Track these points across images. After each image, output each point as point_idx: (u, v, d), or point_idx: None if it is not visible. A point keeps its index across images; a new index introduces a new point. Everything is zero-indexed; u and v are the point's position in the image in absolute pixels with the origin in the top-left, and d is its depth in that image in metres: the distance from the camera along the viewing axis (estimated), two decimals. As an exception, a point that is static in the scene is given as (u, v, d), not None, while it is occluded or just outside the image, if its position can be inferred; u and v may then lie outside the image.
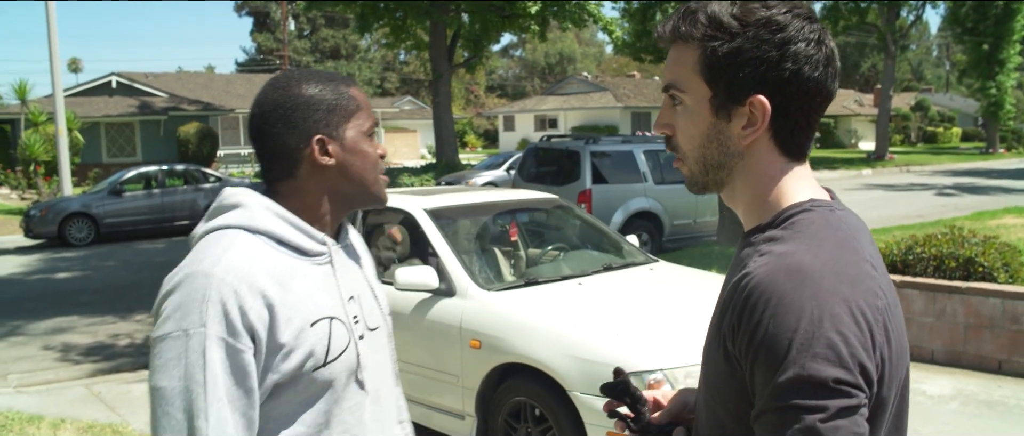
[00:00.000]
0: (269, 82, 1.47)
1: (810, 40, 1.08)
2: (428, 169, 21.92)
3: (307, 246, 1.38)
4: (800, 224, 1.07)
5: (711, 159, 1.14)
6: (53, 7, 13.25)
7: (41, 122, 20.08)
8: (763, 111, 1.08)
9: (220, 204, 1.39)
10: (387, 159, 29.05)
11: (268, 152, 1.42)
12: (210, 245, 1.31)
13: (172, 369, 1.22)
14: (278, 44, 55.87)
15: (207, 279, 1.24)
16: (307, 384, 1.32)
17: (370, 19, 21.87)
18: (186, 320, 1.23)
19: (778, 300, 0.97)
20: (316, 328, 1.33)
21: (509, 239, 5.40)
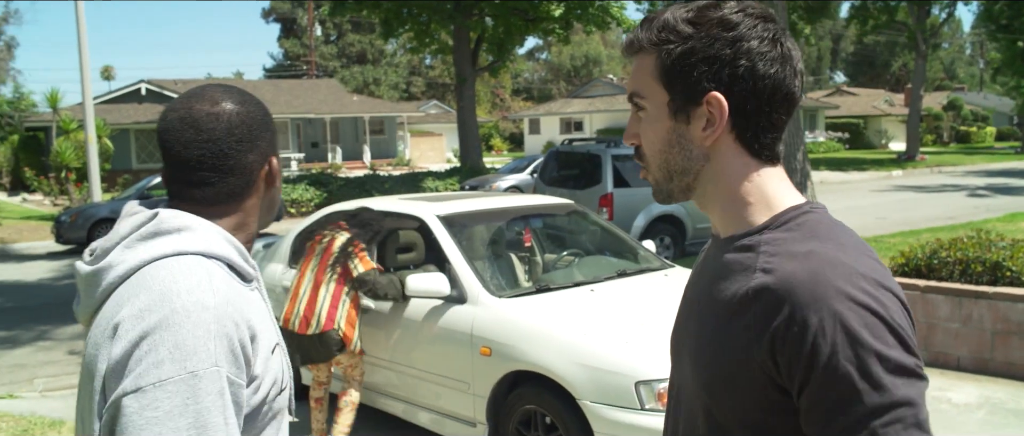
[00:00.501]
0: (203, 97, 1.29)
1: (764, 38, 1.09)
2: (452, 173, 21.95)
3: (248, 272, 1.29)
4: (808, 226, 1.08)
5: (674, 164, 1.14)
6: (83, 17, 13.48)
7: (72, 129, 20.41)
8: (720, 108, 1.09)
9: (159, 227, 1.22)
10: (412, 163, 29.22)
11: (224, 170, 1.28)
12: (184, 275, 1.16)
13: (177, 420, 1.06)
14: (305, 50, 56.37)
15: (209, 313, 1.12)
16: (265, 413, 1.24)
17: (394, 24, 21.98)
18: (193, 360, 1.08)
19: (829, 294, 0.97)
20: (275, 355, 1.27)
21: (524, 245, 5.38)
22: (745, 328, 1.03)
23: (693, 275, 1.25)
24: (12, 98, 30.81)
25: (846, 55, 75.66)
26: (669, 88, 1.12)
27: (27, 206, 22.65)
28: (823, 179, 26.08)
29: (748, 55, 1.08)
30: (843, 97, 52.03)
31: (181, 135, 1.26)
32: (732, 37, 1.08)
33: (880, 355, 0.95)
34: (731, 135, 1.11)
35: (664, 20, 1.12)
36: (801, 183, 9.58)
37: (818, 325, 0.96)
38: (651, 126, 1.15)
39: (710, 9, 1.10)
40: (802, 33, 23.81)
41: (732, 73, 1.08)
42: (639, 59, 1.16)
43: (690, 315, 1.19)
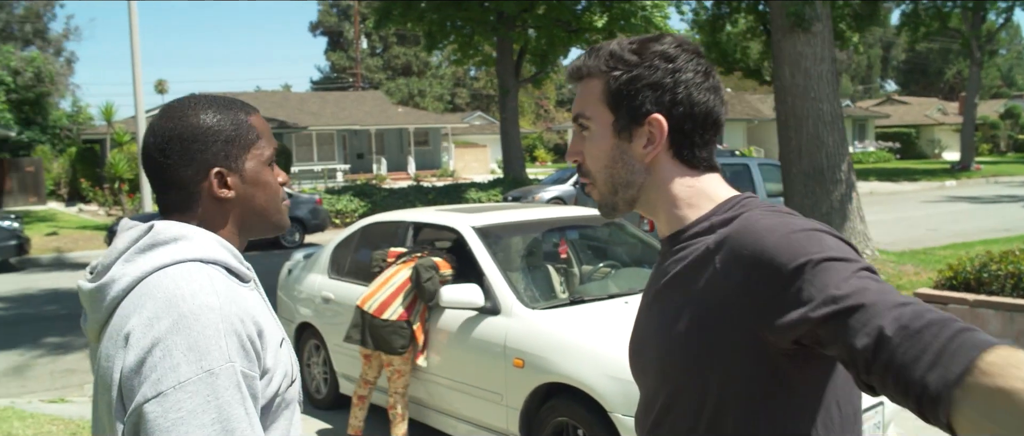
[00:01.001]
0: (164, 110, 1.37)
1: (698, 71, 1.25)
2: (495, 184, 22.03)
3: (244, 273, 1.34)
4: (749, 204, 1.23)
5: (618, 178, 1.28)
6: (137, 35, 13.88)
7: (125, 142, 21.00)
8: (660, 128, 1.24)
9: (155, 239, 1.26)
10: (456, 174, 29.35)
11: (163, 184, 1.34)
12: (186, 281, 1.20)
13: (201, 417, 1.11)
14: (351, 62, 57.17)
15: (216, 313, 1.17)
16: (278, 405, 1.29)
17: (438, 36, 22.19)
18: (208, 359, 1.13)
19: (783, 228, 1.11)
20: (283, 348, 1.32)
21: (560, 256, 5.36)
22: (711, 278, 1.15)
23: (650, 280, 1.34)
24: (71, 112, 31.79)
25: (897, 63, 74.06)
26: (615, 110, 1.26)
27: (83, 216, 23.32)
28: (872, 189, 25.56)
29: (686, 84, 1.23)
30: (894, 106, 50.97)
31: (143, 151, 1.37)
32: (672, 68, 1.23)
33: (831, 252, 1.06)
34: (669, 152, 1.26)
35: (611, 50, 1.27)
36: (846, 194, 9.39)
37: (775, 248, 1.08)
38: (595, 144, 1.29)
39: (652, 42, 1.26)
40: (850, 41, 23.33)
41: (672, 98, 1.23)
42: (585, 84, 1.30)
43: (650, 309, 1.30)
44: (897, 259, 9.63)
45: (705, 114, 1.25)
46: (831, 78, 9.42)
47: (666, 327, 1.22)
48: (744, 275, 1.11)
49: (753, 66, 25.95)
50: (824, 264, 1.04)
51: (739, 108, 41.08)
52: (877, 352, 0.96)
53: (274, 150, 1.41)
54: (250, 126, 1.37)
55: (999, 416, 0.83)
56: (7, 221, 14.77)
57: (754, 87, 40.28)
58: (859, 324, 0.98)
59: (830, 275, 1.03)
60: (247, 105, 1.42)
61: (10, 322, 9.78)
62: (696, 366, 1.17)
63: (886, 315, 0.96)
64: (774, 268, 1.07)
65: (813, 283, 1.03)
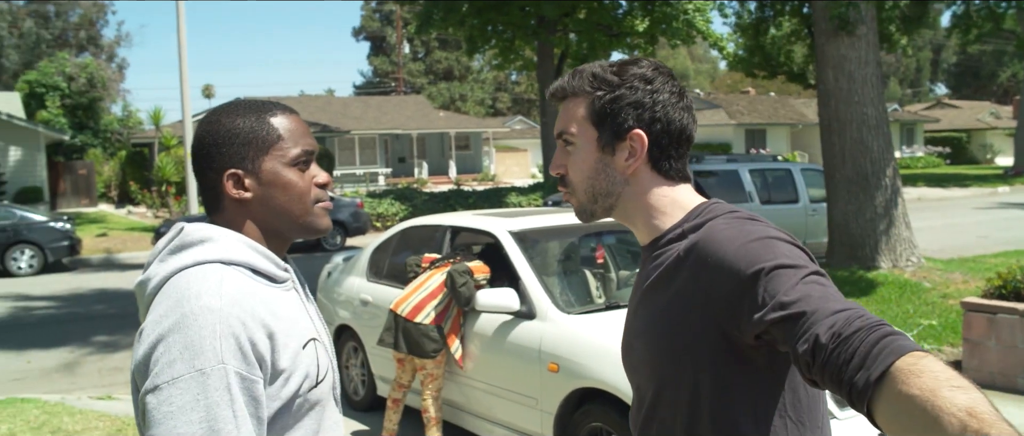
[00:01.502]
0: (204, 115, 1.43)
1: (673, 92, 1.38)
2: (536, 188, 22.04)
3: (276, 274, 1.36)
4: (716, 209, 1.36)
5: (599, 188, 1.40)
6: (185, 42, 14.19)
7: (173, 146, 21.47)
8: (641, 143, 1.37)
9: (183, 241, 1.32)
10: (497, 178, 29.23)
11: (199, 186, 1.40)
12: (198, 282, 1.25)
13: (189, 414, 1.15)
14: (394, 67, 57.68)
15: (215, 314, 1.20)
16: (300, 406, 1.31)
17: (479, 41, 22.26)
18: (200, 359, 1.17)
19: (743, 234, 1.24)
20: (307, 350, 1.33)
21: (596, 262, 5.35)
22: (686, 287, 1.28)
23: (635, 285, 1.47)
24: (121, 116, 32.60)
25: (948, 66, 72.34)
26: (598, 126, 1.38)
27: (131, 218, 23.88)
28: (921, 195, 25.01)
29: (663, 104, 1.36)
30: (944, 110, 49.78)
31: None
32: (651, 89, 1.36)
33: (786, 259, 1.19)
34: (647, 164, 1.39)
35: (593, 72, 1.39)
36: (891, 200, 9.21)
37: (737, 254, 1.22)
38: (581, 158, 1.40)
39: (630, 66, 1.38)
40: (898, 44, 22.86)
41: (651, 116, 1.36)
42: (568, 103, 1.42)
43: (638, 311, 1.42)
44: (945, 267, 9.42)
45: (680, 131, 1.39)
46: (876, 82, 9.25)
47: (651, 327, 1.36)
48: (709, 280, 1.25)
49: (797, 70, 25.60)
50: (775, 272, 1.17)
51: (783, 112, 40.52)
52: (815, 355, 1.10)
53: (305, 150, 1.39)
54: (271, 126, 1.37)
55: (901, 417, 0.98)
56: (60, 222, 15.19)
57: (798, 91, 39.72)
58: (801, 330, 1.12)
59: (780, 282, 1.17)
60: (279, 107, 1.42)
61: (61, 320, 10.06)
62: (676, 361, 1.31)
63: (823, 324, 1.10)
64: (733, 275, 1.21)
65: (766, 289, 1.17)
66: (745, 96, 43.70)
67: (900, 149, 41.99)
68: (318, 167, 1.44)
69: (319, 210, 1.41)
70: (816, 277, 1.18)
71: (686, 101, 1.40)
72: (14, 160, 23.96)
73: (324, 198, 1.43)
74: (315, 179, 1.41)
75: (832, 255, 9.59)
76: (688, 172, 1.43)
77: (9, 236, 14.49)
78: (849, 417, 3.58)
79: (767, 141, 38.73)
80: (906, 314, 7.36)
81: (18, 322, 10.06)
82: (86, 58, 36.58)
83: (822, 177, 10.17)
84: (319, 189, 1.42)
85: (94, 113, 31.23)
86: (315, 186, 1.41)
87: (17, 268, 14.48)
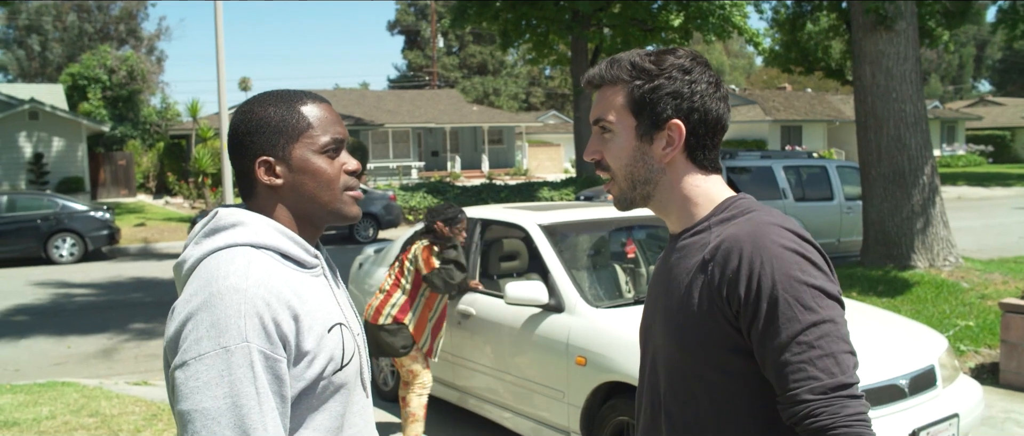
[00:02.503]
0: (241, 103, 1.48)
1: (710, 82, 1.40)
2: (568, 183, 22.00)
3: (305, 259, 1.40)
4: (743, 205, 1.39)
5: (638, 176, 1.43)
6: (222, 36, 14.37)
7: (209, 137, 21.78)
8: (680, 133, 1.39)
9: (217, 225, 1.38)
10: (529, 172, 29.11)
11: (235, 173, 1.45)
12: (226, 263, 1.30)
13: (214, 389, 1.20)
14: (428, 61, 57.89)
15: (240, 294, 1.25)
16: (324, 388, 1.35)
17: (513, 35, 22.27)
18: (225, 337, 1.22)
19: (766, 243, 1.27)
20: (332, 334, 1.36)
21: (627, 256, 5.34)
22: (706, 285, 1.32)
23: (656, 270, 1.51)
24: (160, 108, 33.15)
25: (992, 62, 70.77)
26: (637, 116, 1.40)
27: (169, 208, 24.29)
28: (961, 194, 24.54)
29: (701, 94, 1.39)
30: (987, 107, 48.72)
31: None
32: (689, 79, 1.39)
33: (810, 285, 1.26)
34: (683, 154, 1.41)
35: (632, 61, 1.40)
36: (928, 198, 9.04)
37: (762, 267, 1.26)
38: (619, 146, 1.43)
39: (668, 55, 1.40)
40: (940, 39, 22.39)
41: (689, 106, 1.38)
42: (604, 91, 1.44)
43: (658, 296, 1.46)
44: (984, 267, 9.23)
45: (716, 120, 1.41)
46: (915, 78, 9.08)
47: (669, 318, 1.39)
48: (728, 283, 1.29)
49: (835, 66, 25.21)
50: (789, 304, 1.24)
51: (820, 109, 39.95)
52: (792, 397, 1.25)
53: (334, 138, 1.42)
54: (301, 115, 1.41)
55: None
56: (100, 212, 15.51)
57: (836, 87, 39.15)
58: (782, 390, 1.25)
59: (788, 321, 1.24)
60: (310, 96, 1.44)
61: (100, 307, 10.28)
62: (690, 353, 1.35)
63: (802, 387, 1.23)
64: (750, 287, 1.27)
65: (775, 319, 1.25)
66: (781, 92, 43.14)
67: (940, 147, 41.18)
68: (348, 155, 1.46)
69: (348, 198, 1.43)
70: (824, 327, 1.24)
71: (722, 91, 1.42)
72: (57, 151, 24.49)
73: (354, 185, 1.45)
74: (345, 166, 1.43)
75: (867, 253, 9.45)
76: (719, 163, 1.46)
77: (51, 225, 14.83)
78: (879, 416, 3.54)
79: (803, 138, 38.22)
80: (942, 314, 7.24)
81: (59, 308, 10.30)
82: (127, 51, 37.23)
83: (858, 174, 10.02)
84: (348, 176, 1.44)
85: (134, 105, 31.79)
86: (345, 173, 1.43)
87: (59, 256, 14.81)
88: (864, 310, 4.83)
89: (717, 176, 1.44)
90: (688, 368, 1.36)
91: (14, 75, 49.74)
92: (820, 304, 1.25)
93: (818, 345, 1.23)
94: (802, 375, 1.23)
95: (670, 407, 1.41)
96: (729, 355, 1.32)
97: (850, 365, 1.25)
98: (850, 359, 1.25)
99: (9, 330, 8.93)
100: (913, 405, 3.68)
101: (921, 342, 4.17)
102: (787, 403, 1.26)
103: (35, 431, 4.93)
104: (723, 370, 1.33)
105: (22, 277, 13.05)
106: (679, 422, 1.40)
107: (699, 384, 1.36)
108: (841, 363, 1.24)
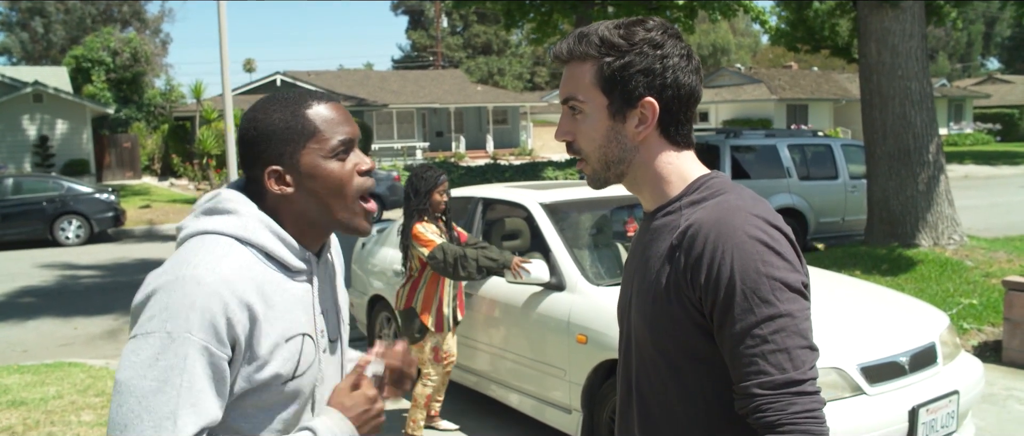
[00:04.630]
0: (246, 111, 1.45)
1: (682, 54, 1.36)
2: (572, 163, 21.96)
3: (291, 262, 1.38)
4: (714, 185, 1.36)
5: (611, 156, 1.39)
6: (224, 16, 14.29)
7: (213, 119, 21.78)
8: (652, 110, 1.36)
9: (215, 205, 1.38)
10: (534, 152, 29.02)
11: (245, 178, 1.44)
12: (203, 250, 1.30)
13: (147, 369, 1.21)
14: (432, 41, 57.70)
15: (199, 286, 1.24)
16: (274, 394, 1.34)
17: (516, 14, 22.11)
18: (172, 323, 1.22)
19: (730, 231, 1.25)
20: (290, 344, 1.34)
21: (627, 234, 5.34)
22: (673, 270, 1.31)
23: (631, 250, 1.49)
24: (164, 90, 33.14)
25: (1001, 40, 70.14)
26: (608, 94, 1.36)
27: (174, 190, 24.34)
28: (967, 173, 24.43)
29: (673, 68, 1.34)
30: (995, 85, 48.36)
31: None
32: (660, 54, 1.34)
33: (770, 276, 1.23)
34: (657, 130, 1.38)
35: (601, 36, 1.35)
36: (934, 177, 9.01)
37: (722, 255, 1.24)
38: (590, 125, 1.39)
39: (637, 27, 1.35)
40: (948, 17, 22.22)
41: (661, 82, 1.34)
42: (573, 67, 1.39)
43: (633, 277, 1.44)
44: (989, 246, 9.20)
45: (689, 94, 1.37)
46: (921, 55, 9.02)
47: (642, 299, 1.38)
48: (693, 268, 1.27)
49: (842, 44, 25.07)
50: (750, 296, 1.22)
51: (826, 87, 39.73)
52: (743, 389, 1.25)
53: (341, 140, 1.39)
54: (307, 120, 1.38)
55: None
56: (105, 194, 15.55)
57: (842, 66, 38.88)
58: (738, 377, 1.25)
59: (747, 312, 1.23)
60: (314, 97, 1.41)
61: (106, 289, 10.34)
62: (657, 333, 1.34)
63: (752, 381, 1.23)
64: (711, 273, 1.25)
65: (735, 309, 1.23)
66: (787, 71, 42.90)
67: (948, 126, 40.94)
68: (360, 154, 1.43)
69: (360, 209, 1.41)
70: (780, 321, 1.23)
71: (694, 63, 1.38)
72: (61, 133, 24.52)
73: (368, 186, 1.42)
74: (358, 166, 1.41)
75: (871, 232, 9.43)
76: (692, 138, 1.43)
77: (57, 207, 14.87)
78: (879, 393, 3.54)
79: (809, 117, 38.03)
80: (946, 293, 7.23)
81: (66, 290, 10.36)
82: (130, 33, 37.15)
83: (863, 153, 9.98)
84: (361, 177, 1.41)
85: (138, 87, 31.77)
86: (357, 174, 1.41)
87: (65, 238, 14.87)
88: (865, 288, 4.83)
89: (689, 152, 1.42)
90: (657, 351, 1.35)
91: (18, 58, 49.73)
92: (779, 297, 1.23)
93: (772, 339, 1.22)
94: (753, 369, 1.23)
95: (642, 388, 1.40)
96: (696, 340, 1.30)
97: (804, 361, 1.23)
98: (805, 354, 1.23)
99: (16, 312, 8.99)
100: (913, 382, 3.68)
101: (922, 319, 4.17)
102: (738, 395, 1.26)
103: (42, 410, 4.97)
104: (691, 355, 1.32)
105: (29, 259, 13.11)
106: (651, 404, 1.39)
107: (668, 368, 1.35)
108: (794, 359, 1.22)
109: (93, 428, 4.71)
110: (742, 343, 1.23)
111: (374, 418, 1.42)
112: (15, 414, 4.90)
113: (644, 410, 1.41)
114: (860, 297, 4.54)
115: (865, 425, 3.41)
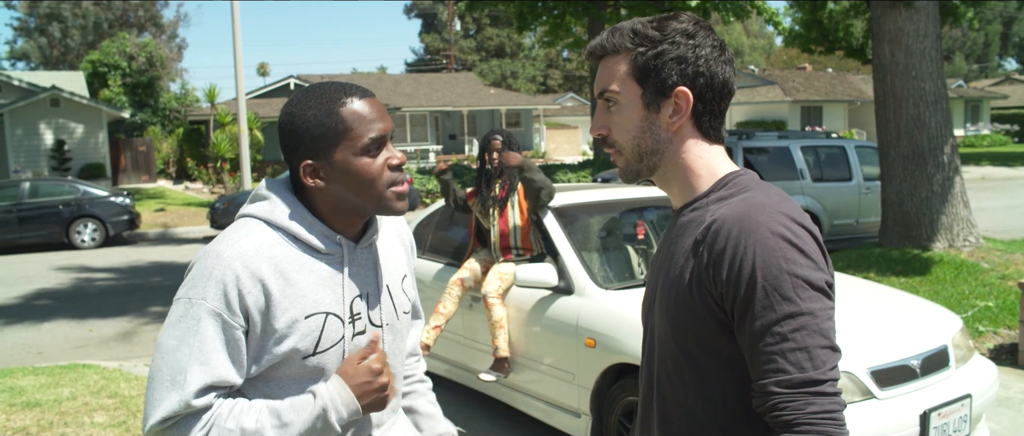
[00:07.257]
0: (285, 103, 1.54)
1: (715, 45, 1.36)
2: (585, 166, 21.94)
3: (318, 244, 1.47)
4: (741, 182, 1.36)
5: (645, 146, 1.39)
6: (238, 21, 14.41)
7: (227, 123, 21.89)
8: (686, 100, 1.35)
9: (256, 193, 1.53)
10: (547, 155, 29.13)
11: (287, 164, 1.53)
12: (232, 230, 1.46)
13: (172, 329, 1.39)
14: (445, 44, 57.81)
15: (217, 259, 1.39)
16: (296, 368, 1.45)
17: (529, 17, 22.12)
18: (194, 290, 1.39)
19: (753, 227, 1.24)
20: (310, 321, 1.44)
21: (637, 237, 5.32)
22: (696, 266, 1.30)
23: (659, 247, 1.48)
24: (179, 94, 33.35)
25: (1019, 39, 69.52)
26: (642, 84, 1.36)
27: (188, 193, 24.49)
28: (984, 174, 24.21)
29: (706, 58, 1.34)
30: (1013, 86, 47.94)
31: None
32: (693, 43, 1.34)
33: (792, 274, 1.21)
34: (690, 121, 1.37)
35: (634, 28, 1.36)
36: (949, 178, 8.93)
37: (744, 251, 1.23)
38: (625, 116, 1.39)
39: (670, 20, 1.36)
40: (964, 17, 22.03)
41: (695, 71, 1.34)
42: (607, 61, 1.40)
43: (658, 274, 1.43)
44: (1005, 247, 9.11)
45: (722, 84, 1.37)
46: (935, 55, 8.94)
47: (665, 296, 1.37)
48: (717, 265, 1.26)
49: (856, 45, 24.90)
50: (773, 294, 1.21)
51: (840, 89, 39.49)
52: (761, 387, 1.23)
53: (372, 138, 1.45)
54: (340, 118, 1.44)
55: None
56: (120, 197, 15.67)
57: (857, 67, 38.65)
58: (757, 374, 1.23)
59: (769, 309, 1.21)
60: (350, 92, 1.47)
61: (120, 292, 10.41)
62: (680, 330, 1.34)
63: (770, 379, 1.21)
64: (734, 271, 1.24)
65: (756, 307, 1.22)
66: (801, 72, 42.68)
67: (964, 127, 40.62)
68: (392, 148, 1.49)
69: (392, 194, 1.48)
70: (801, 319, 1.21)
71: (727, 54, 1.38)
72: (78, 137, 24.73)
73: (399, 180, 1.49)
74: (388, 161, 1.47)
75: (885, 234, 9.35)
76: (723, 134, 1.43)
77: (73, 210, 15.00)
78: (890, 397, 3.51)
79: (824, 118, 37.82)
80: (961, 295, 7.16)
81: (81, 292, 10.44)
82: (146, 38, 37.45)
83: (877, 154, 9.91)
84: (392, 172, 1.47)
85: (153, 91, 32.01)
86: (388, 168, 1.47)
87: (81, 241, 14.99)
88: (875, 290, 4.79)
89: (720, 147, 1.41)
90: (680, 349, 1.34)
91: (36, 63, 50.23)
92: (800, 295, 1.21)
93: (792, 338, 1.20)
94: (772, 367, 1.21)
95: (663, 387, 1.40)
96: (717, 337, 1.29)
97: (824, 361, 1.21)
98: (826, 354, 1.21)
99: (32, 314, 9.07)
100: (924, 385, 3.64)
101: (934, 322, 4.13)
102: (756, 393, 1.25)
103: (56, 411, 5.01)
104: (713, 353, 1.31)
105: (45, 262, 13.23)
106: (670, 403, 1.38)
107: (689, 365, 1.34)
108: (814, 358, 1.20)
109: (106, 429, 4.74)
110: (761, 340, 1.21)
111: (376, 391, 1.46)
112: (29, 415, 4.94)
113: (663, 408, 1.40)
114: (870, 299, 4.50)
115: (876, 429, 3.38)
